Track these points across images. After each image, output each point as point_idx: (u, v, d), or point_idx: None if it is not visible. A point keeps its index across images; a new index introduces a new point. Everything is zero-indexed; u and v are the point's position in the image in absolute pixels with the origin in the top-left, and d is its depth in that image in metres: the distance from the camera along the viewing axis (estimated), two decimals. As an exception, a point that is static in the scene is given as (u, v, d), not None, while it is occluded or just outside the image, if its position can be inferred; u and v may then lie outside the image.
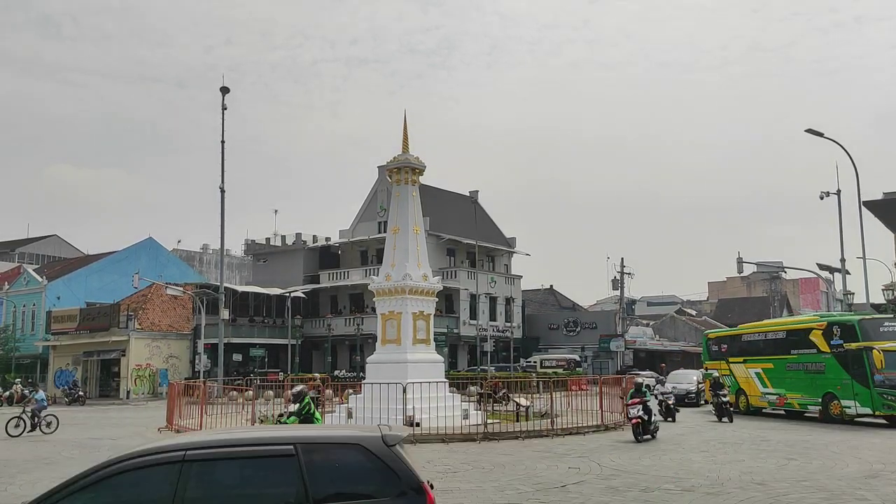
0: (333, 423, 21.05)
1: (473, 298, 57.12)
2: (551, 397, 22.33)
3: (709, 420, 24.69)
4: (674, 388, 30.39)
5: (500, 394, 26.42)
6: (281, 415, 16.83)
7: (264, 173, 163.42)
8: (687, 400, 31.50)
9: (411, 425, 19.61)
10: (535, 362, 54.37)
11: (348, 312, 57.31)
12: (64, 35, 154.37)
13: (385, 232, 27.31)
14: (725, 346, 29.35)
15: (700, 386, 32.13)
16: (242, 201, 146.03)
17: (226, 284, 42.65)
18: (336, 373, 47.88)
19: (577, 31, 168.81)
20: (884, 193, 33.41)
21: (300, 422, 13.68)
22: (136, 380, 49.17)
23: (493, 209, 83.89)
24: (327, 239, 63.95)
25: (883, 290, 38.16)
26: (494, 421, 21.10)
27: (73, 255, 74.89)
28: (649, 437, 19.05)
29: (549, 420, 21.58)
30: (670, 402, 24.53)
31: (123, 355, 49.65)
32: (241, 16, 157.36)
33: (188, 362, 51.33)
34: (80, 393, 43.74)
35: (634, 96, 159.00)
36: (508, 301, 62.63)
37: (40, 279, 59.22)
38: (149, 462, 5.42)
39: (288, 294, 52.99)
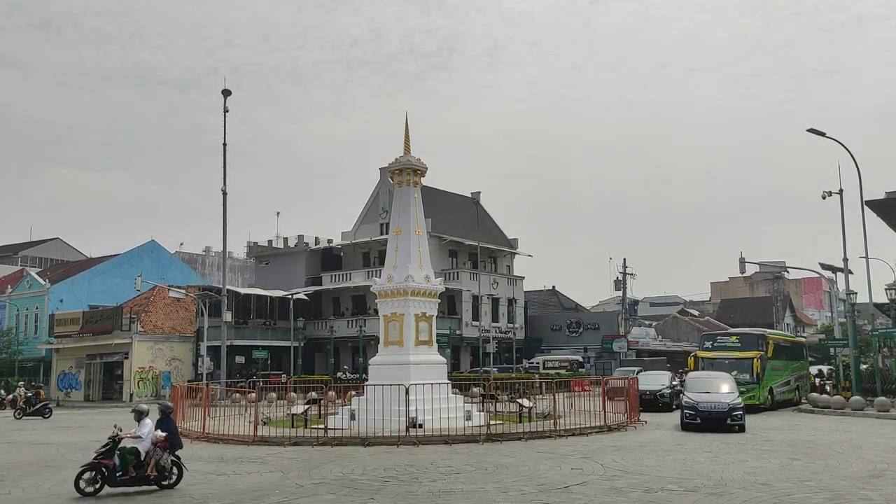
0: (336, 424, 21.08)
1: (476, 300, 57.09)
2: (554, 398, 22.31)
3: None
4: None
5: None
6: None
7: (266, 175, 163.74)
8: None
9: (414, 426, 19.65)
10: (537, 363, 54.40)
11: (351, 314, 57.35)
12: (65, 38, 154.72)
13: (387, 234, 27.31)
14: None
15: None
16: (244, 204, 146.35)
17: (228, 287, 42.70)
18: (339, 374, 47.87)
19: (578, 31, 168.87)
20: (886, 193, 33.20)
21: None
22: (139, 382, 49.18)
23: (494, 210, 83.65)
24: (329, 241, 63.99)
25: (886, 289, 38.00)
26: (497, 422, 21.09)
27: (76, 259, 74.94)
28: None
29: (551, 421, 21.58)
30: None
31: (126, 358, 49.62)
32: (242, 18, 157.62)
33: (191, 365, 51.32)
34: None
35: (635, 96, 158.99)
36: (511, 302, 62.58)
37: (43, 282, 59.24)
38: None
39: (290, 296, 52.98)
